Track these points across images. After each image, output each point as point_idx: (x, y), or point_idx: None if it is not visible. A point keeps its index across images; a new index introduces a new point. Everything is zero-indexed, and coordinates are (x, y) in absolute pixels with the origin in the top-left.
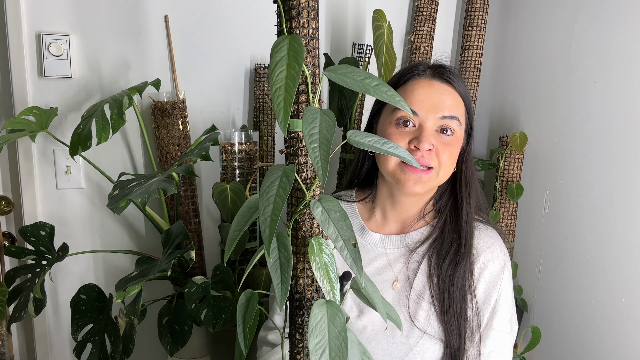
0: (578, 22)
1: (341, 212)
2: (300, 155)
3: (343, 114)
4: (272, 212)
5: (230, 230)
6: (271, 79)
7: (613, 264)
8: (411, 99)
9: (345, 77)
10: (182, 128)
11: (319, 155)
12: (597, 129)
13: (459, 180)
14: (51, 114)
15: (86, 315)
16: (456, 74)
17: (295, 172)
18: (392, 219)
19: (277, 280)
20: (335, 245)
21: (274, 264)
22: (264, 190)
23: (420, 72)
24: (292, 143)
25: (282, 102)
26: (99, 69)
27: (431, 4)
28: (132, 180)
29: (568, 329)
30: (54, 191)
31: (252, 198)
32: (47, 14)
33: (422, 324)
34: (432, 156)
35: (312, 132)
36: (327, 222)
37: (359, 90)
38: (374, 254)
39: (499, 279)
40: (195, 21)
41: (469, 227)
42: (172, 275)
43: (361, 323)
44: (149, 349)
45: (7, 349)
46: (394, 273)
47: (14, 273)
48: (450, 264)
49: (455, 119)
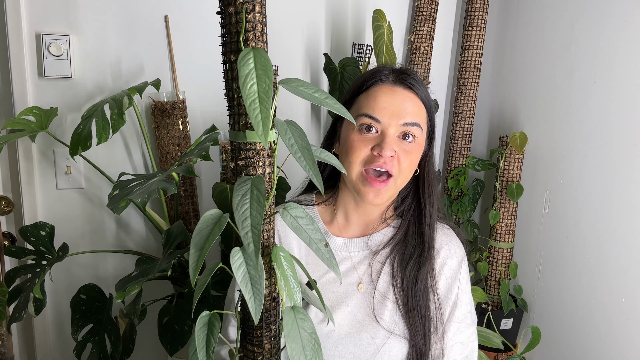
0: (578, 22)
1: (308, 217)
2: (259, 167)
3: None
4: (251, 227)
5: (190, 253)
6: (244, 93)
7: (613, 264)
8: (373, 106)
9: (298, 89)
10: (182, 128)
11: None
12: (597, 129)
13: (421, 184)
14: (51, 114)
15: (86, 315)
16: (419, 79)
17: (263, 184)
18: (355, 222)
19: (249, 294)
20: (310, 248)
21: (243, 279)
22: (236, 205)
23: (383, 77)
24: (249, 155)
25: (259, 115)
26: (99, 69)
27: (431, 4)
28: (132, 180)
29: (568, 329)
30: (54, 191)
31: (206, 214)
32: (47, 14)
33: (387, 323)
34: (394, 163)
35: (291, 143)
36: (299, 229)
37: (311, 101)
38: (338, 258)
39: (457, 273)
40: (195, 21)
41: (431, 229)
42: (172, 275)
43: (327, 328)
44: (149, 349)
45: (7, 349)
46: (358, 275)
47: (14, 273)
48: (414, 267)
49: (417, 125)
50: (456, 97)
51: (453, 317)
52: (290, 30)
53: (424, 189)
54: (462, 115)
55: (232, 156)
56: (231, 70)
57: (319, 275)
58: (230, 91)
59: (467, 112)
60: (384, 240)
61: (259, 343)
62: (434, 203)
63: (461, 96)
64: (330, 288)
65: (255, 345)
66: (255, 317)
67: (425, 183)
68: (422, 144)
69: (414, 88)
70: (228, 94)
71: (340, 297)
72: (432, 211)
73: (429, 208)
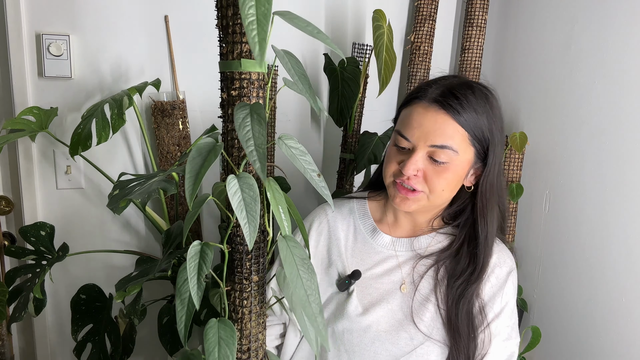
0: (578, 22)
1: (301, 148)
2: (252, 97)
3: (343, 114)
4: (255, 146)
5: (186, 179)
6: (243, 13)
7: (613, 264)
8: (406, 124)
9: (293, 21)
10: (182, 128)
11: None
12: (597, 129)
13: (477, 203)
14: (51, 114)
15: (86, 315)
16: (464, 101)
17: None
18: (403, 222)
19: (244, 220)
20: (305, 176)
21: (239, 205)
22: (238, 125)
23: (422, 95)
24: (243, 85)
25: (256, 36)
26: (99, 69)
27: (431, 4)
28: (132, 180)
29: (568, 328)
30: (54, 191)
31: (201, 142)
32: (47, 14)
33: (426, 328)
34: (419, 181)
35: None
36: (294, 157)
37: (305, 33)
38: (384, 255)
39: (504, 284)
40: (195, 21)
41: (486, 250)
42: (172, 275)
43: (365, 322)
44: (149, 349)
45: (7, 349)
46: (402, 275)
47: (14, 273)
48: (463, 285)
49: (447, 148)
50: None
51: (490, 327)
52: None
53: (479, 208)
54: None
55: (224, 87)
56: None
57: (362, 270)
58: (225, 19)
59: None
60: (431, 244)
61: (247, 275)
62: (490, 223)
63: None
64: (373, 284)
65: (244, 278)
66: (250, 242)
67: (480, 202)
68: (460, 165)
69: (452, 111)
70: (221, 23)
71: (382, 294)
72: (488, 231)
73: (483, 228)
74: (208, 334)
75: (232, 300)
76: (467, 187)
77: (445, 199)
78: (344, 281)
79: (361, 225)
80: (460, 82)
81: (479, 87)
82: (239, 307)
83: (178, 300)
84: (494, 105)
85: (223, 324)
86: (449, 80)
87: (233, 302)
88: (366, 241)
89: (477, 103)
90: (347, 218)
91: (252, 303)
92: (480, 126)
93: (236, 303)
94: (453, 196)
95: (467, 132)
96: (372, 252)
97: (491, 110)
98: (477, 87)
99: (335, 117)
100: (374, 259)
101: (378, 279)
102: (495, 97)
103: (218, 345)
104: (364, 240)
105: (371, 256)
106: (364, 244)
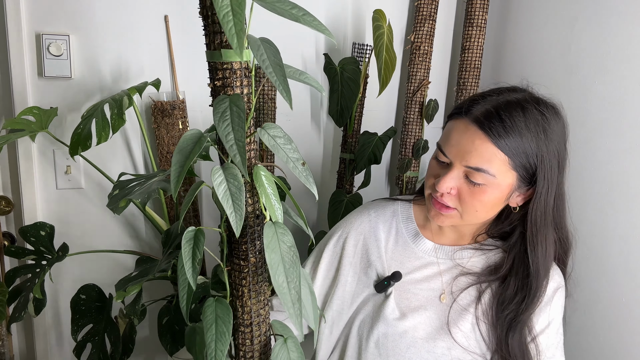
0: (578, 22)
1: (285, 137)
2: (236, 87)
3: (343, 114)
4: (235, 141)
5: (172, 170)
6: (216, 5)
7: (613, 264)
8: (445, 140)
9: (274, 6)
10: (182, 128)
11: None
12: (596, 129)
13: (527, 231)
14: (51, 114)
15: (86, 315)
16: (508, 124)
17: (242, 100)
18: (448, 230)
19: (230, 209)
20: (288, 167)
21: (224, 195)
22: (217, 121)
23: (465, 110)
24: (226, 75)
25: (233, 27)
26: (99, 69)
27: (431, 4)
28: (132, 180)
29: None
30: (54, 191)
31: (187, 133)
32: (47, 14)
33: (465, 338)
34: (452, 198)
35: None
36: (276, 148)
37: (287, 18)
38: (425, 261)
39: (550, 300)
40: (195, 21)
41: (539, 280)
42: (172, 275)
43: (402, 327)
44: (149, 349)
45: (7, 349)
46: (442, 284)
47: (14, 273)
48: (511, 313)
49: (482, 171)
50: (456, 97)
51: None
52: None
53: (529, 237)
54: None
55: (210, 77)
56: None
57: (403, 273)
58: (204, 9)
59: None
60: (474, 257)
61: (244, 257)
62: (542, 255)
63: (461, 96)
64: (411, 288)
65: (241, 259)
66: (237, 230)
67: (529, 230)
68: (498, 188)
69: (491, 133)
70: (202, 12)
71: (420, 300)
72: (540, 264)
73: (534, 259)
74: (206, 312)
75: (233, 279)
76: (512, 208)
77: (481, 219)
78: (383, 282)
79: (403, 229)
80: (511, 100)
81: (534, 107)
82: (239, 285)
83: (180, 280)
84: (551, 128)
85: (219, 303)
86: (500, 97)
87: (234, 281)
88: (407, 245)
89: (525, 126)
90: (389, 220)
91: (250, 282)
92: (524, 151)
93: (236, 282)
94: (494, 216)
95: (507, 156)
96: (413, 257)
97: (544, 133)
98: (532, 106)
99: (335, 117)
100: (414, 263)
101: (417, 285)
102: (558, 117)
103: (215, 323)
104: (405, 244)
105: (411, 261)
106: (404, 248)
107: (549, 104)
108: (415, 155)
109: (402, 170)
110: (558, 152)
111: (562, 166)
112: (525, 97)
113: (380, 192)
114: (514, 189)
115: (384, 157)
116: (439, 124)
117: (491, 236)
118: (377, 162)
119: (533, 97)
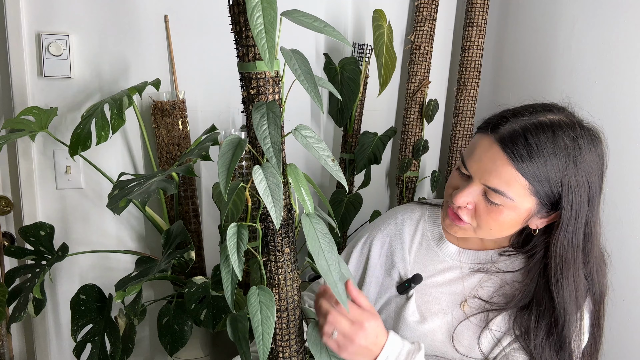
0: (578, 21)
1: (316, 136)
2: (269, 94)
3: (343, 114)
4: (272, 143)
5: (219, 172)
6: (251, 23)
7: (613, 264)
8: (469, 153)
9: (299, 19)
10: (182, 128)
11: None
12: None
13: (550, 263)
14: (51, 114)
15: (86, 315)
16: (534, 149)
17: (278, 107)
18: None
19: (270, 204)
20: (320, 162)
21: (265, 192)
22: (256, 125)
23: (493, 127)
24: (259, 83)
25: (265, 44)
26: (99, 69)
27: (431, 4)
28: (132, 180)
29: None
30: (53, 191)
31: (229, 138)
32: (47, 14)
33: (486, 347)
34: (467, 212)
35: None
36: (309, 146)
37: (311, 29)
38: (448, 264)
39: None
40: (195, 21)
41: (567, 313)
42: (172, 276)
43: (421, 330)
44: (149, 349)
45: (7, 349)
46: (464, 289)
47: (14, 273)
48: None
49: (500, 193)
50: (456, 97)
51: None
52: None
53: (551, 269)
54: (462, 115)
55: (244, 85)
56: (237, 5)
57: (425, 276)
58: (238, 25)
59: (467, 112)
60: (499, 260)
61: (280, 247)
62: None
63: (461, 96)
64: (432, 292)
65: (277, 250)
66: (277, 222)
67: (552, 263)
68: (515, 211)
69: (513, 156)
70: (235, 28)
71: (441, 304)
72: (566, 303)
73: (558, 295)
74: (251, 300)
75: (269, 269)
76: (532, 230)
77: (494, 236)
78: (404, 284)
79: (429, 232)
80: (542, 122)
81: (567, 132)
82: (275, 274)
83: (224, 272)
84: (582, 157)
85: (262, 290)
86: (532, 117)
87: (270, 270)
88: (431, 248)
89: (552, 152)
90: (416, 223)
91: (285, 271)
92: (547, 178)
93: (272, 272)
94: (510, 235)
95: (528, 182)
96: (436, 260)
97: (573, 162)
98: (564, 131)
99: (335, 117)
100: (437, 267)
101: (438, 288)
102: (593, 146)
103: (260, 309)
104: (429, 247)
105: (434, 264)
106: (428, 251)
107: (586, 130)
108: (415, 155)
109: (402, 170)
110: (589, 184)
111: (593, 199)
112: (560, 119)
113: (380, 192)
114: (533, 213)
115: (384, 157)
116: (439, 124)
117: (514, 247)
118: (377, 162)
119: (569, 121)
